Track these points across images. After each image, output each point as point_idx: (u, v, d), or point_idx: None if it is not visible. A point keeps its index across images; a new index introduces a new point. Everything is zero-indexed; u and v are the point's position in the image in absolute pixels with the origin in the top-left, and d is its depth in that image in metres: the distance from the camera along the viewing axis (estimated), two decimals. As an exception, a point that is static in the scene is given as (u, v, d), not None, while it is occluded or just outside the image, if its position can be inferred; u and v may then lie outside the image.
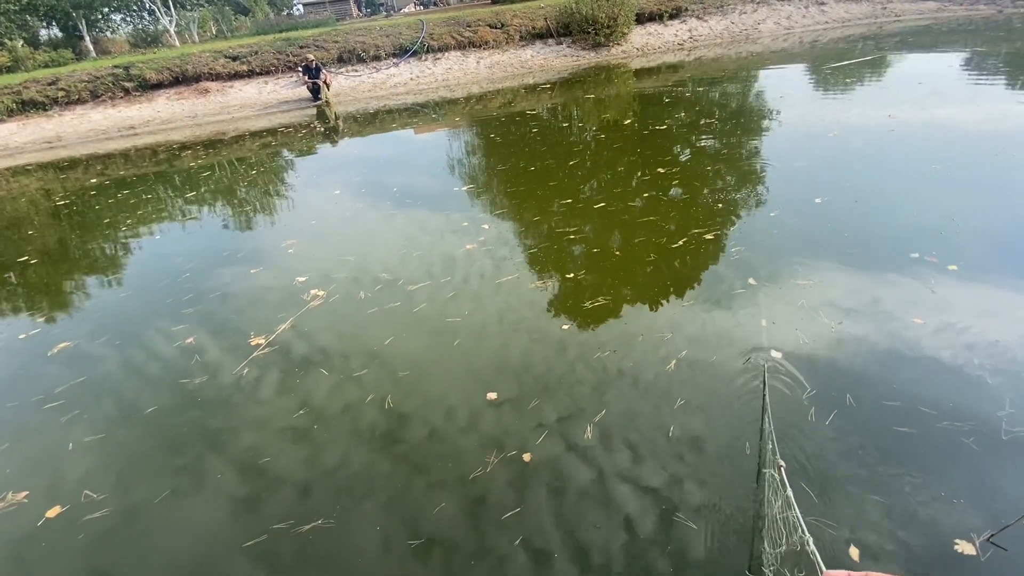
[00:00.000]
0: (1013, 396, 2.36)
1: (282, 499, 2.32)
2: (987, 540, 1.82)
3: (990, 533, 1.84)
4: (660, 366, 2.82)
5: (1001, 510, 1.90)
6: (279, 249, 4.88)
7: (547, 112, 9.64)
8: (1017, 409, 2.29)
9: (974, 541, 1.82)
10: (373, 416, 2.72)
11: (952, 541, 1.83)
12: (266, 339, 3.43)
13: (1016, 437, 2.17)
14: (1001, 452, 2.13)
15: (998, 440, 2.17)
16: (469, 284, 3.85)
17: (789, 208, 4.52)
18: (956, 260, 3.41)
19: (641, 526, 2.02)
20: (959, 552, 1.79)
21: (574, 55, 15.05)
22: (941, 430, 2.25)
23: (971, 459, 2.12)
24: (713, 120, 7.72)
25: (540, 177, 5.99)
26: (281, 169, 8.07)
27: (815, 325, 2.97)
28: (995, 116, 6.44)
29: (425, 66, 14.52)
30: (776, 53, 13.25)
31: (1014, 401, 2.33)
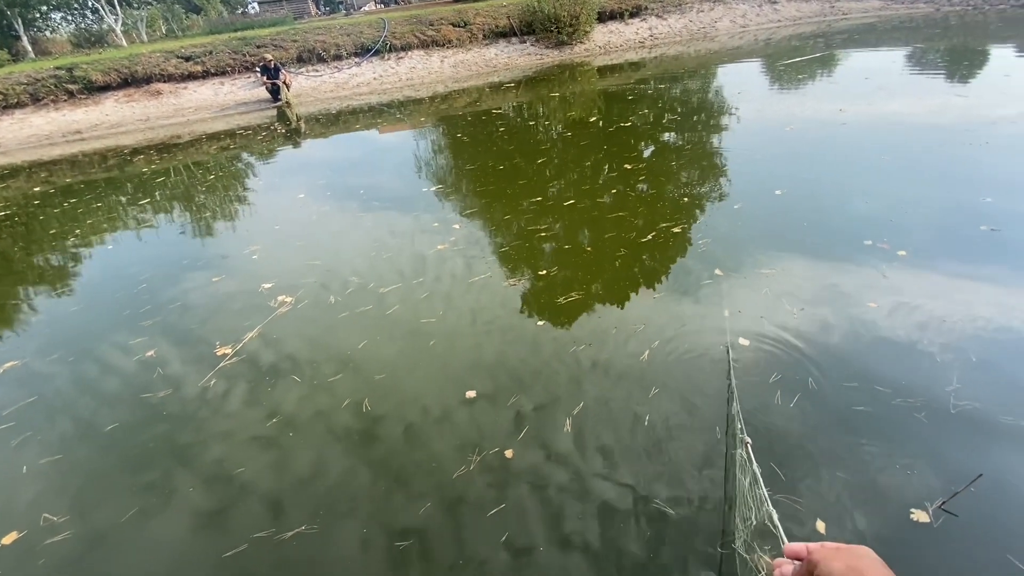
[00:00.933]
0: (960, 372, 2.51)
1: (260, 509, 2.27)
2: (939, 507, 1.94)
3: (942, 500, 1.95)
4: (634, 357, 2.88)
5: (951, 478, 2.02)
6: (242, 255, 4.74)
7: (513, 111, 9.67)
8: (963, 384, 2.44)
9: (928, 509, 1.93)
10: (350, 421, 2.68)
11: (908, 510, 1.94)
12: (233, 348, 3.34)
13: (963, 410, 2.32)
14: (950, 425, 2.26)
15: (947, 414, 2.31)
16: (442, 285, 3.83)
17: (751, 200, 4.67)
18: (905, 246, 3.60)
19: (621, 513, 2.06)
20: (915, 520, 1.90)
21: (538, 54, 15.13)
22: (895, 407, 2.38)
23: (923, 432, 2.25)
24: (676, 116, 7.90)
25: (509, 176, 6.01)
26: (241, 173, 7.83)
27: (778, 312, 3.09)
28: (936, 109, 6.82)
29: (388, 65, 14.33)
30: (733, 50, 13.66)
31: (960, 377, 2.48)
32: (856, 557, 0.59)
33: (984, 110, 6.46)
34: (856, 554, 0.59)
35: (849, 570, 0.57)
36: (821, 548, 0.63)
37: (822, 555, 0.61)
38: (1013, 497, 1.96)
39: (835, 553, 0.60)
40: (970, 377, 2.49)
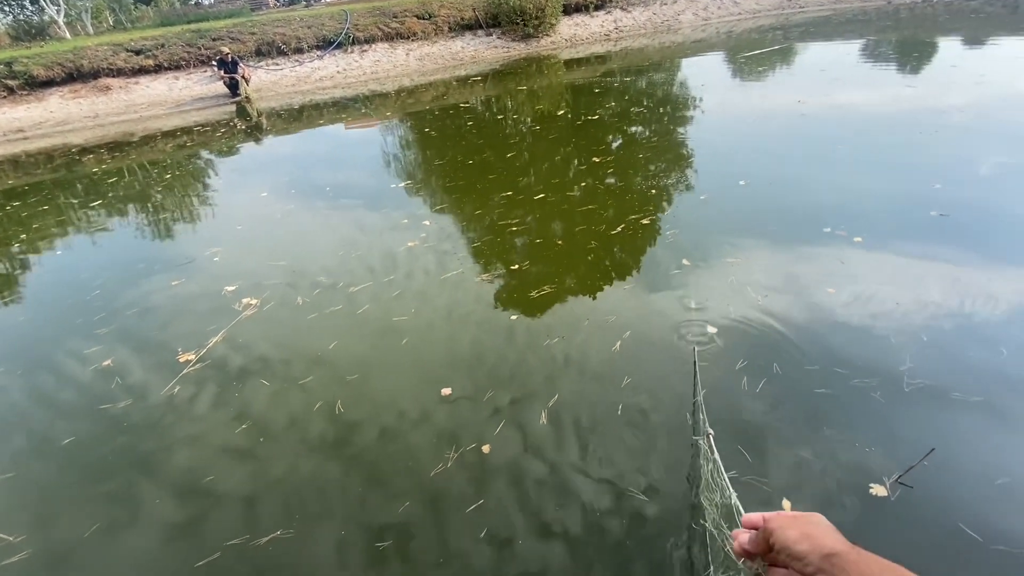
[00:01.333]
0: (912, 352, 2.64)
1: (233, 516, 2.21)
2: (896, 481, 2.04)
3: (898, 475, 2.06)
4: (606, 348, 2.92)
5: (906, 453, 2.12)
6: (203, 258, 4.58)
7: (481, 104, 9.60)
8: (916, 364, 2.57)
9: (885, 483, 2.03)
10: (323, 423, 2.64)
11: (867, 485, 2.03)
12: (196, 354, 3.23)
13: (916, 388, 2.44)
14: (904, 402, 2.38)
15: (901, 392, 2.43)
16: (413, 282, 3.79)
17: (716, 191, 4.78)
18: (861, 232, 3.75)
19: (597, 501, 2.10)
20: (874, 495, 2.00)
21: (504, 46, 15.05)
22: (853, 387, 2.49)
23: (880, 411, 2.35)
24: (642, 109, 8.00)
25: (479, 170, 5.97)
26: (200, 171, 7.55)
27: (743, 300, 3.18)
28: (888, 99, 7.10)
29: (352, 59, 14.02)
30: (696, 43, 13.89)
31: (913, 357, 2.61)
32: (809, 524, 0.61)
33: (933, 100, 6.76)
34: (809, 521, 0.62)
35: (802, 536, 0.59)
36: (777, 516, 0.65)
37: (778, 523, 0.63)
38: (963, 469, 2.07)
39: (790, 521, 0.63)
40: (922, 356, 2.61)
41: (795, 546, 0.59)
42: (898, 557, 1.66)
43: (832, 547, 0.56)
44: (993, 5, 15.85)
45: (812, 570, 0.57)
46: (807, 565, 0.58)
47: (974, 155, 4.98)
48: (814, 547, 0.58)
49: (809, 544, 0.58)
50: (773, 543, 0.63)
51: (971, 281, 3.17)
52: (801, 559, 0.58)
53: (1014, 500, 1.94)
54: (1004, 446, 2.15)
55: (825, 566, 0.56)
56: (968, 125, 5.75)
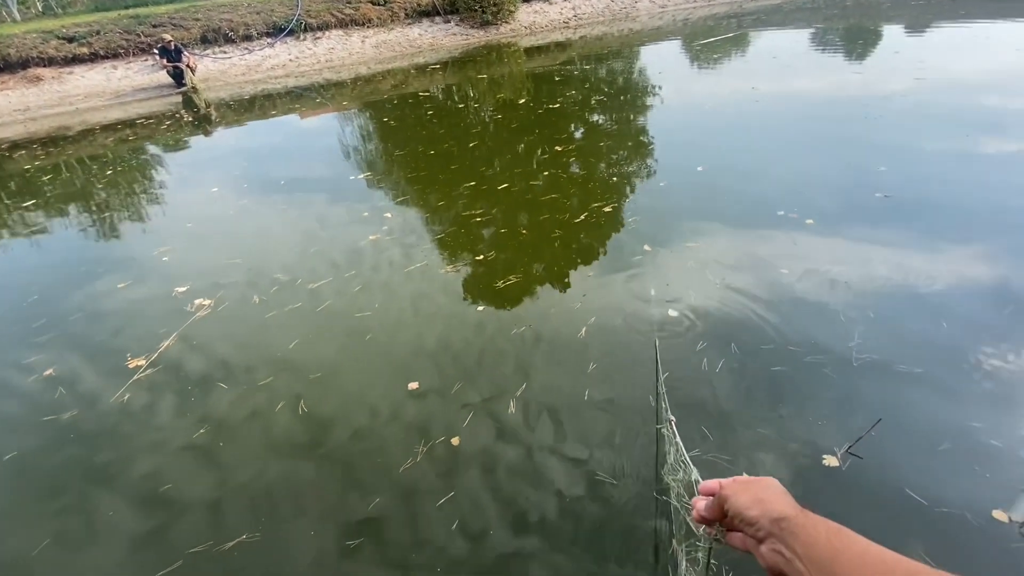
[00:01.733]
0: (860, 329, 2.77)
1: (195, 522, 2.14)
2: (846, 452, 2.14)
3: (848, 445, 2.16)
4: (572, 335, 2.95)
5: (856, 425, 2.23)
6: (151, 258, 4.34)
7: (442, 93, 9.44)
8: (863, 340, 2.69)
9: (837, 454, 2.13)
10: (287, 423, 2.57)
11: (821, 457, 2.13)
12: (147, 359, 3.07)
13: (864, 363, 2.56)
14: (853, 376, 2.50)
15: (850, 367, 2.55)
16: (377, 276, 3.72)
17: (676, 177, 4.86)
18: (812, 215, 3.89)
19: (568, 485, 2.13)
20: (827, 465, 2.09)
21: (463, 34, 14.81)
22: (806, 364, 2.59)
23: (831, 385, 2.46)
24: (603, 97, 8.03)
25: (441, 161, 5.88)
26: (145, 167, 7.15)
27: (703, 283, 3.26)
28: (836, 85, 7.37)
29: (305, 46, 13.50)
30: (654, 31, 14.02)
31: (861, 333, 2.74)
32: (761, 488, 0.63)
33: (878, 85, 7.05)
34: (762, 485, 0.63)
35: (753, 502, 0.61)
36: (731, 483, 0.67)
37: (732, 489, 0.65)
38: (908, 437, 2.20)
39: (742, 486, 0.64)
40: (869, 332, 2.75)
41: (746, 512, 0.61)
42: (849, 524, 1.73)
43: (781, 511, 0.58)
44: (931, -6, 16.61)
45: (763, 534, 0.58)
46: (758, 530, 0.59)
47: (915, 138, 5.23)
48: (764, 512, 0.59)
49: (759, 509, 0.60)
50: (727, 509, 0.64)
51: (913, 259, 3.35)
52: (752, 524, 0.60)
53: (955, 464, 2.07)
54: (945, 414, 2.28)
55: (775, 530, 0.57)
56: (910, 109, 6.03)
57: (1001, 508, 1.89)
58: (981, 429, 2.18)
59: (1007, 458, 2.07)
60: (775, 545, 0.56)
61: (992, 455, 2.08)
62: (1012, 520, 1.85)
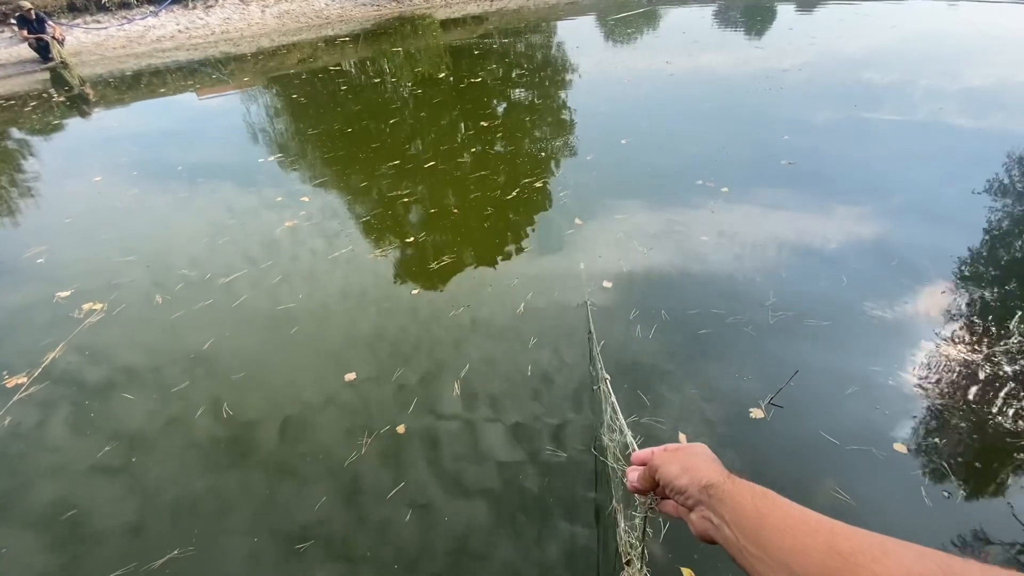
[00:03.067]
0: (775, 289, 2.97)
1: (113, 546, 1.93)
2: (769, 402, 2.30)
3: (770, 396, 2.32)
4: (511, 312, 2.93)
5: (776, 377, 2.40)
6: (21, 260, 3.75)
7: (355, 67, 8.90)
8: (778, 298, 2.89)
9: (761, 406, 2.28)
10: (210, 429, 2.36)
11: (747, 410, 2.27)
12: (29, 376, 2.68)
13: (779, 320, 2.75)
14: (770, 333, 2.68)
15: (767, 325, 2.73)
16: (298, 265, 3.47)
17: (601, 151, 4.93)
18: (727, 183, 4.10)
19: (515, 461, 2.14)
20: (753, 418, 2.24)
21: (375, 4, 14.02)
22: (729, 325, 2.75)
23: (752, 343, 2.63)
24: (524, 72, 7.95)
25: (360, 139, 5.56)
26: (8, 154, 6.17)
27: (632, 254, 3.34)
28: (741, 60, 7.78)
29: (195, 15, 12.19)
30: (569, 4, 14.03)
31: (776, 292, 2.94)
32: (690, 455, 0.64)
33: (777, 59, 7.52)
34: (690, 452, 0.65)
35: (682, 470, 0.61)
36: (663, 452, 0.67)
37: (662, 459, 0.65)
38: (821, 385, 2.40)
39: (672, 455, 0.65)
40: (782, 291, 2.95)
41: (676, 481, 0.61)
42: (776, 469, 1.84)
43: (709, 478, 0.58)
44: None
45: (692, 502, 0.59)
46: (688, 498, 0.60)
47: (812, 109, 5.65)
48: (693, 480, 0.59)
49: (688, 478, 0.60)
50: (658, 479, 0.65)
51: (816, 221, 3.63)
52: (682, 492, 0.60)
53: (860, 405, 2.29)
54: (850, 360, 2.51)
55: (703, 497, 0.57)
56: (805, 82, 6.50)
57: (901, 442, 2.12)
58: (880, 372, 2.43)
59: (903, 396, 2.32)
60: (704, 512, 0.57)
61: (891, 394, 2.33)
62: (909, 450, 2.09)
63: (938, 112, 5.40)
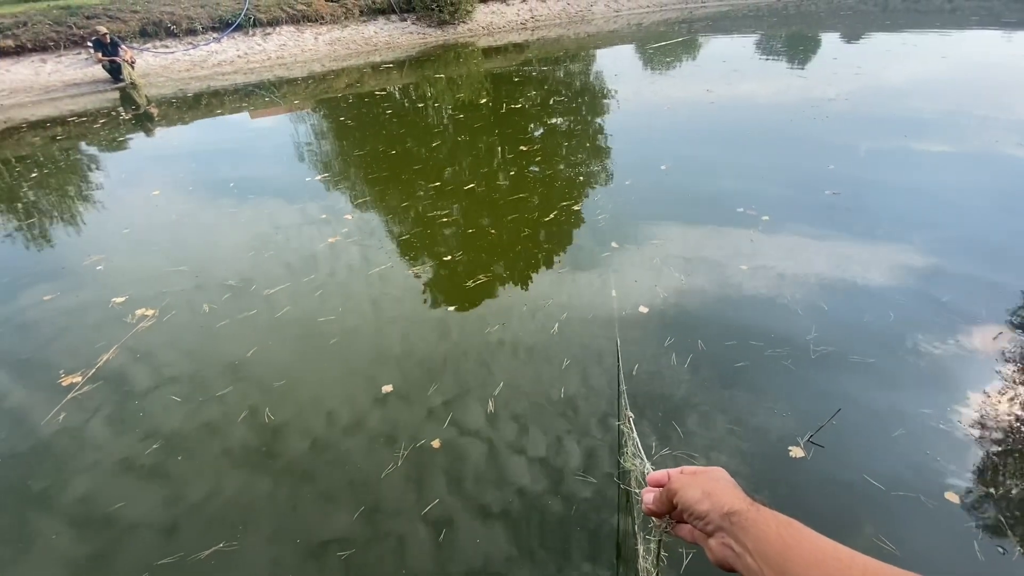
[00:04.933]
0: (816, 323, 2.87)
1: (159, 537, 2.02)
2: (808, 441, 2.21)
3: (809, 435, 2.23)
4: (544, 332, 2.94)
5: (817, 415, 2.30)
6: (82, 267, 3.99)
7: (399, 92, 9.26)
8: (820, 333, 2.80)
9: (800, 445, 2.19)
10: (252, 434, 2.43)
11: (787, 448, 2.18)
12: (83, 376, 2.83)
13: (821, 355, 2.66)
14: (812, 368, 2.59)
15: (808, 359, 2.64)
16: (338, 279, 3.58)
17: (640, 176, 4.94)
18: (768, 211, 4.03)
19: (547, 486, 2.12)
20: (793, 456, 2.15)
21: (420, 32, 14.61)
22: (768, 358, 2.67)
23: (791, 378, 2.54)
24: (563, 98, 8.09)
25: (402, 161, 5.75)
26: (78, 167, 6.64)
27: (669, 280, 3.31)
28: (783, 88, 7.70)
29: (254, 42, 12.96)
30: (609, 34, 14.29)
31: (818, 327, 2.84)
32: (710, 481, 0.62)
33: (821, 89, 7.42)
34: (710, 477, 0.62)
35: (703, 495, 0.59)
36: (679, 476, 0.66)
37: (680, 483, 0.63)
38: (865, 425, 2.29)
39: (691, 479, 0.63)
40: (824, 325, 2.85)
41: (696, 506, 0.59)
42: (814, 511, 1.77)
43: (731, 505, 0.56)
44: (866, 3, 17.72)
45: (712, 528, 0.57)
46: (708, 524, 0.58)
47: (859, 139, 5.53)
48: (714, 505, 0.58)
49: (709, 503, 0.58)
50: (676, 502, 0.63)
51: (861, 253, 3.52)
52: (702, 518, 0.59)
53: (908, 449, 2.17)
54: (897, 401, 2.40)
55: (725, 524, 0.56)
56: (852, 111, 6.38)
57: (953, 491, 1.99)
58: (930, 415, 2.30)
59: (955, 441, 2.19)
60: (725, 539, 0.55)
61: (941, 439, 2.20)
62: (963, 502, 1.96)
63: (993, 144, 5.18)
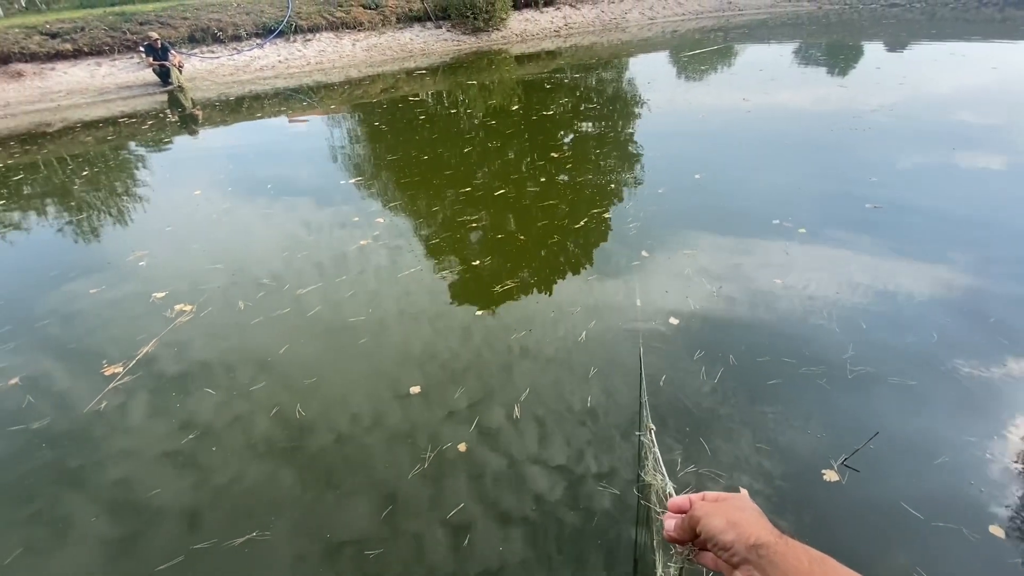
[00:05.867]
0: (854, 341, 2.77)
1: (197, 522, 2.10)
2: (842, 464, 2.12)
3: (844, 457, 2.14)
4: (572, 339, 2.93)
5: (852, 437, 2.22)
6: (126, 263, 4.17)
7: (433, 98, 9.40)
8: (857, 352, 2.69)
9: (834, 467, 2.11)
10: (283, 428, 2.50)
11: (820, 472, 2.10)
12: (124, 366, 2.95)
13: (858, 375, 2.56)
14: (849, 389, 2.49)
15: (844, 379, 2.54)
16: (368, 281, 3.64)
17: (673, 184, 4.88)
18: (805, 224, 3.92)
19: (571, 493, 2.10)
20: (826, 480, 2.07)
21: (454, 40, 14.82)
22: (801, 376, 2.58)
23: (826, 398, 2.46)
24: (594, 105, 8.06)
25: (434, 166, 5.83)
26: (126, 166, 6.97)
27: (700, 291, 3.25)
28: (823, 98, 7.50)
29: (295, 48, 13.39)
30: (643, 41, 14.19)
31: (855, 346, 2.74)
32: (735, 510, 0.60)
33: (863, 99, 7.19)
34: (735, 505, 0.61)
35: (728, 526, 0.57)
36: (702, 503, 0.63)
37: (703, 511, 0.61)
38: (904, 450, 2.19)
39: (715, 507, 0.61)
40: (861, 344, 2.75)
41: (720, 536, 0.57)
42: (846, 538, 1.69)
43: (759, 537, 0.54)
44: (912, 12, 17.10)
45: (738, 560, 0.55)
46: (733, 555, 0.56)
47: (903, 151, 5.33)
48: (740, 536, 0.55)
49: (735, 533, 0.56)
50: (699, 531, 0.60)
51: (902, 270, 3.38)
52: (727, 549, 0.56)
53: (950, 477, 2.06)
54: (940, 427, 2.29)
55: (752, 557, 0.53)
56: (895, 123, 6.15)
57: (997, 524, 1.88)
58: (975, 443, 2.19)
59: (1001, 472, 2.07)
60: (751, 572, 0.53)
61: (987, 469, 2.08)
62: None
63: (1051, 160, 4.92)
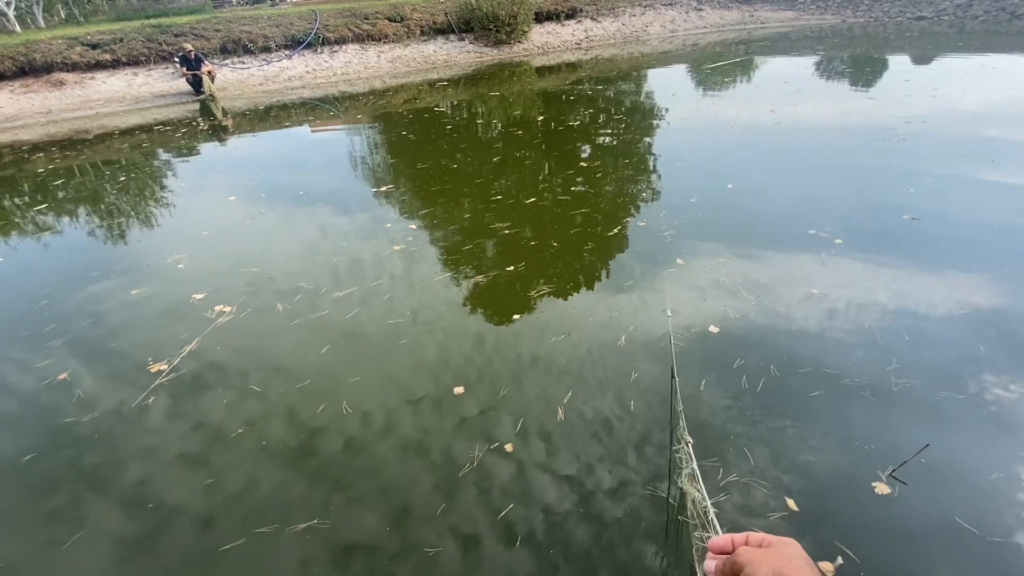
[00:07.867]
0: (898, 354, 2.72)
1: (256, 510, 2.15)
2: (890, 475, 2.08)
3: (891, 468, 2.10)
4: (612, 343, 2.94)
5: (900, 450, 2.17)
6: (164, 265, 4.29)
7: (458, 108, 9.54)
8: (902, 364, 2.64)
9: (883, 480, 2.06)
10: (330, 423, 2.55)
11: (871, 484, 2.06)
12: (169, 364, 3.02)
13: (904, 387, 2.51)
14: (894, 401, 2.44)
15: (890, 392, 2.49)
16: (404, 285, 3.69)
17: (706, 194, 4.87)
18: (841, 234, 3.88)
19: (617, 499, 2.09)
20: (877, 492, 2.03)
21: (477, 52, 15.05)
22: (844, 387, 2.54)
23: (871, 410, 2.41)
24: (621, 116, 8.10)
25: (464, 174, 5.90)
26: (160, 172, 7.18)
27: (738, 299, 3.22)
28: (853, 110, 7.43)
29: (322, 59, 13.72)
30: (664, 54, 14.24)
31: (899, 358, 2.68)
32: (783, 558, 0.56)
33: (895, 110, 7.11)
34: (783, 554, 0.57)
35: (775, 575, 0.54)
36: (746, 549, 0.60)
37: (748, 557, 0.57)
38: (955, 465, 2.13)
39: (761, 556, 0.57)
40: (906, 357, 2.69)
41: None
42: (896, 552, 1.64)
43: None
44: (940, 24, 16.90)
45: None
46: None
47: (941, 163, 5.24)
48: None
49: None
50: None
51: (945, 281, 3.31)
52: None
53: (1007, 493, 2.00)
54: (993, 442, 2.22)
55: None
56: (932, 134, 6.06)
57: (1062, 542, 1.82)
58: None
59: (1062, 490, 2.01)
60: None
61: (1047, 487, 2.02)
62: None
63: (1094, 174, 4.80)
